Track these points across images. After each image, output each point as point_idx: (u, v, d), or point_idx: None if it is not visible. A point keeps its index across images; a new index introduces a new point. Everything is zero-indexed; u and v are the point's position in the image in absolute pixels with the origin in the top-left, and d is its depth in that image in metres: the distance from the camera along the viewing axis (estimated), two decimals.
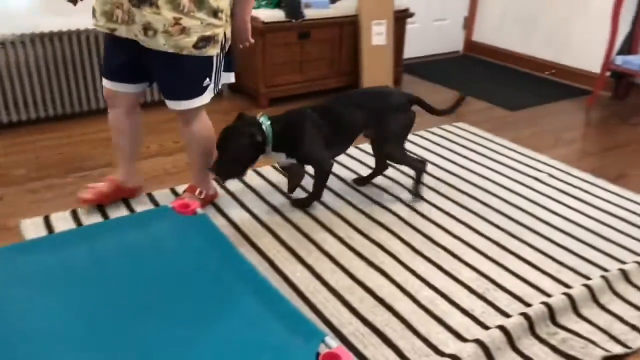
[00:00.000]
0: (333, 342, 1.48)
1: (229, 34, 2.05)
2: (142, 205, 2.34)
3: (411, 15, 4.10)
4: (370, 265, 2.03)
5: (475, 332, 1.71)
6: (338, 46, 3.78)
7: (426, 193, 2.57)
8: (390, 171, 2.77)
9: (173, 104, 2.08)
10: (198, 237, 1.96)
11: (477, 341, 1.61)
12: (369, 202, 2.47)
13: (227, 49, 2.10)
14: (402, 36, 4.10)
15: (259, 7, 3.57)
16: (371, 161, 2.87)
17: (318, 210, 2.38)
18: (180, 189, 2.48)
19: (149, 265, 1.79)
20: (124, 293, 1.66)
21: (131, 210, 2.31)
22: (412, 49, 4.80)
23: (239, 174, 2.22)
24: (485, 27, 5.03)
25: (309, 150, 2.24)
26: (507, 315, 1.79)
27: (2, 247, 1.81)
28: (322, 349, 1.46)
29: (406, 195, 2.53)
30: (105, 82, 2.12)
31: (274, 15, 3.45)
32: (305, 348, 1.46)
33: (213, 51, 1.97)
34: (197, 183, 2.31)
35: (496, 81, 4.41)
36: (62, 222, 2.19)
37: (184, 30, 1.87)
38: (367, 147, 3.05)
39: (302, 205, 2.38)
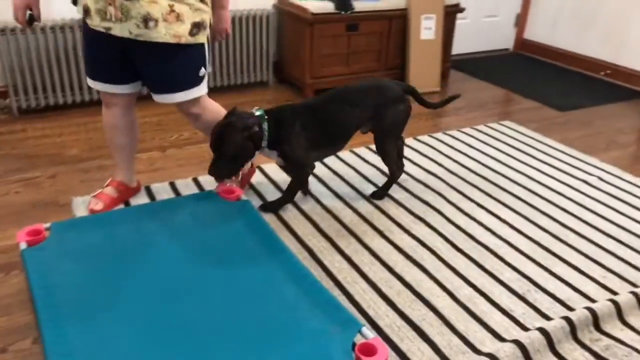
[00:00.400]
0: (370, 333, 1.49)
1: (211, 22, 1.99)
2: (188, 190, 2.39)
3: (462, 10, 4.04)
4: (410, 259, 2.02)
5: (514, 333, 1.68)
6: (386, 39, 3.75)
7: (470, 191, 2.53)
8: (435, 167, 2.74)
9: (168, 98, 2.00)
10: (240, 222, 1.99)
11: (516, 342, 1.59)
12: (411, 197, 2.45)
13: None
14: (451, 31, 4.04)
15: None
16: (428, 151, 2.85)
17: (360, 203, 2.38)
18: None
19: (192, 246, 1.83)
20: (167, 272, 1.71)
21: (177, 193, 2.36)
22: (461, 45, 4.73)
23: (236, 172, 2.13)
24: (538, 24, 4.90)
25: (292, 150, 2.10)
26: (548, 318, 1.75)
27: (55, 222, 1.88)
28: (359, 339, 1.47)
29: (451, 194, 2.50)
30: (98, 85, 2.01)
31: (323, 6, 3.45)
32: (342, 337, 1.46)
33: (203, 38, 1.93)
34: None
35: (547, 80, 4.29)
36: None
37: (178, 17, 1.81)
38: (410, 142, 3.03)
39: (272, 209, 2.24)
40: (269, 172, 2.59)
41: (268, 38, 3.64)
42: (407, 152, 2.90)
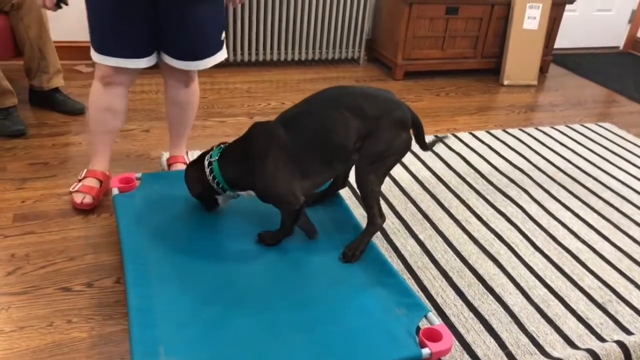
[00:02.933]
0: (436, 319, 1.47)
1: None
2: None
3: (572, 1, 3.81)
4: (485, 252, 1.96)
5: (588, 341, 1.60)
6: (486, 26, 3.62)
7: (557, 191, 2.42)
8: (523, 162, 2.64)
9: (194, 64, 1.89)
10: (316, 194, 2.01)
11: (590, 351, 1.52)
12: (493, 190, 2.37)
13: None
14: (557, 23, 3.83)
15: None
16: (517, 145, 2.75)
17: (439, 189, 2.34)
18: None
19: (266, 220, 1.85)
20: (243, 233, 1.76)
21: None
22: (566, 39, 4.48)
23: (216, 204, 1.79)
24: None
25: (267, 188, 1.61)
26: (628, 332, 1.65)
27: (145, 173, 1.99)
28: (424, 324, 1.46)
29: (537, 191, 2.40)
30: (111, 60, 1.79)
31: None
32: (407, 319, 1.46)
33: None
34: (183, 148, 2.23)
35: None
36: None
37: None
38: (496, 135, 2.93)
39: (270, 241, 1.70)
40: None
41: (365, 15, 3.60)
42: (494, 143, 2.80)
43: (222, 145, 1.69)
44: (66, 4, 1.72)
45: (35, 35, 2.51)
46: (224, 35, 1.95)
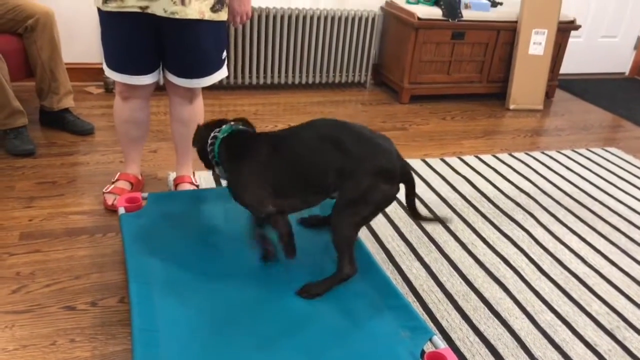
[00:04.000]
0: (441, 343, 1.45)
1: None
2: None
3: (577, 27, 3.84)
4: (491, 276, 1.95)
5: None
6: (492, 51, 3.65)
7: (563, 215, 2.41)
8: (529, 186, 2.64)
9: (193, 82, 1.94)
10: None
11: None
12: (499, 214, 2.37)
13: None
14: (562, 49, 3.86)
15: (417, 3, 3.56)
16: (523, 169, 2.75)
17: (445, 212, 2.33)
18: None
19: (271, 237, 1.86)
20: (250, 254, 1.76)
21: None
22: (571, 64, 4.51)
23: (208, 167, 1.82)
24: None
25: (235, 191, 1.65)
26: (637, 359, 1.63)
27: (152, 193, 2.00)
28: (429, 348, 1.44)
29: (543, 215, 2.39)
30: (122, 77, 1.90)
31: (430, 12, 3.41)
32: (411, 342, 1.44)
33: (225, 15, 1.86)
34: (189, 168, 2.26)
35: None
36: (204, 180, 2.37)
37: None
38: (505, 157, 2.93)
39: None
40: None
41: (371, 39, 3.65)
42: (500, 167, 2.81)
43: (235, 125, 1.71)
44: None
45: (47, 57, 2.55)
46: (225, 54, 1.99)
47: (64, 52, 2.66)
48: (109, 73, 1.93)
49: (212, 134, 1.71)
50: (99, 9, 1.81)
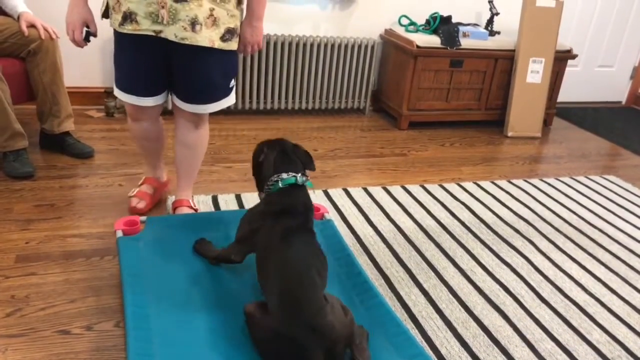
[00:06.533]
0: None
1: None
2: None
3: (574, 56, 3.89)
4: (490, 303, 1.93)
5: None
6: (490, 79, 3.69)
7: (563, 242, 2.40)
8: (527, 213, 2.64)
9: (199, 108, 1.96)
10: (322, 242, 2.00)
11: None
12: (498, 240, 2.36)
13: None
14: (559, 77, 3.90)
15: (416, 31, 3.61)
16: (522, 195, 2.75)
17: (443, 238, 2.33)
18: (312, 194, 2.57)
19: None
20: (247, 279, 1.74)
21: None
22: (569, 93, 4.56)
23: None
24: None
25: (243, 221, 1.72)
26: None
27: (150, 217, 1.99)
28: None
29: (542, 242, 2.39)
30: (131, 98, 1.93)
31: (429, 40, 3.46)
32: None
33: (235, 45, 1.88)
34: (189, 192, 2.25)
35: None
36: (203, 205, 2.37)
37: (214, 22, 1.77)
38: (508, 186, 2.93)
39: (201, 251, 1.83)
40: (353, 195, 2.60)
41: (371, 66, 3.69)
42: (499, 193, 2.81)
43: (297, 178, 1.64)
44: (94, 36, 1.91)
45: (49, 81, 2.57)
46: (233, 82, 2.00)
47: (65, 75, 2.68)
48: (118, 94, 1.96)
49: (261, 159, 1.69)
50: (115, 31, 1.85)
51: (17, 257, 1.91)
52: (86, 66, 3.29)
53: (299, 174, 1.64)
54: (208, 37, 1.79)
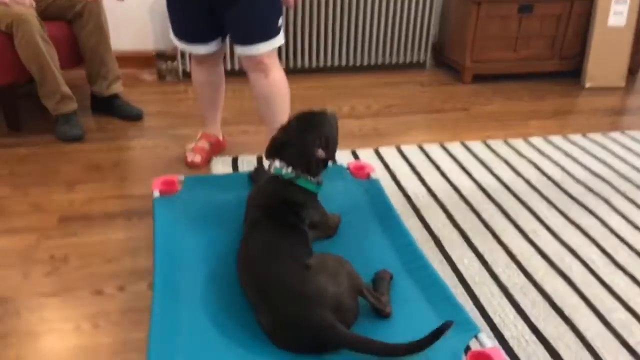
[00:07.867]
0: (488, 341, 1.28)
1: None
2: None
3: None
4: (554, 268, 1.73)
5: None
6: (564, 24, 3.33)
7: None
8: (603, 169, 2.36)
9: (252, 49, 1.98)
10: (366, 201, 1.86)
11: None
12: (568, 199, 2.13)
13: None
14: None
15: None
16: (599, 151, 2.48)
17: (504, 198, 2.12)
18: (362, 152, 2.43)
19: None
20: None
21: None
22: None
23: None
24: None
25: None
26: None
27: (188, 176, 1.93)
28: (475, 345, 1.27)
29: (619, 202, 2.13)
30: (186, 46, 2.11)
31: None
32: (454, 339, 1.28)
33: None
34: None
35: None
36: (247, 164, 2.29)
37: None
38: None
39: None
40: (407, 153, 2.43)
41: (431, 16, 3.43)
42: (572, 149, 2.54)
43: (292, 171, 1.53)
44: None
45: (95, 43, 2.56)
46: (281, 21, 2.00)
47: (116, 40, 2.68)
48: (175, 41, 2.11)
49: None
50: None
51: (60, 218, 1.92)
52: (136, 30, 3.27)
53: (290, 168, 1.51)
54: None
